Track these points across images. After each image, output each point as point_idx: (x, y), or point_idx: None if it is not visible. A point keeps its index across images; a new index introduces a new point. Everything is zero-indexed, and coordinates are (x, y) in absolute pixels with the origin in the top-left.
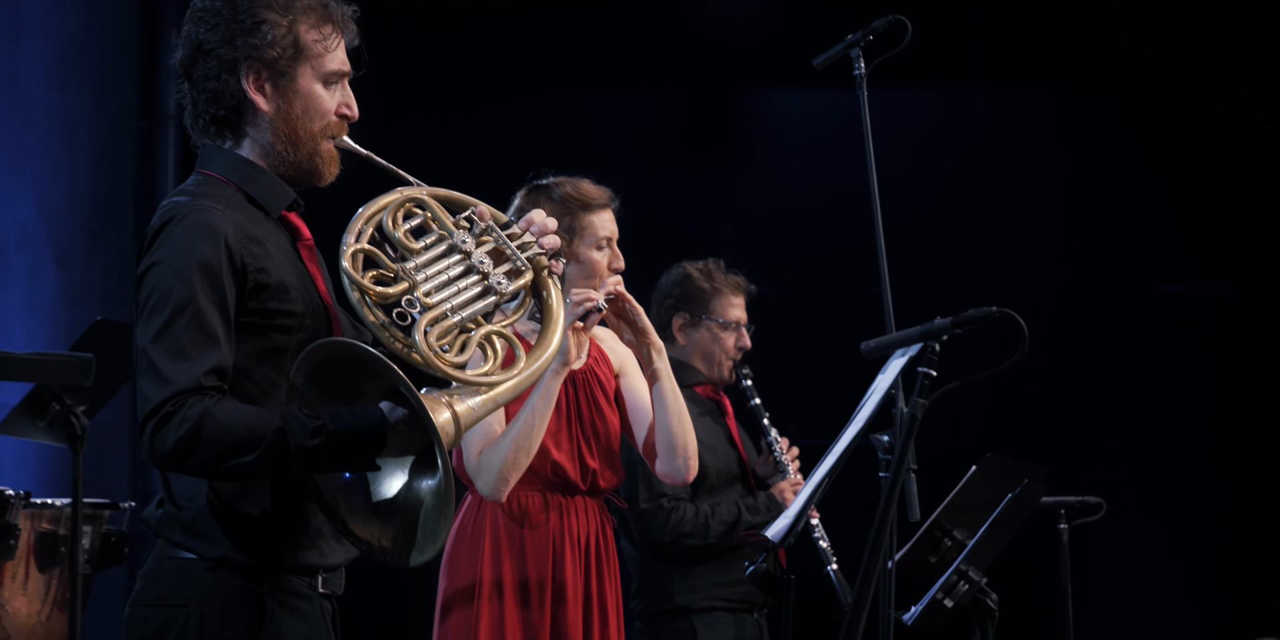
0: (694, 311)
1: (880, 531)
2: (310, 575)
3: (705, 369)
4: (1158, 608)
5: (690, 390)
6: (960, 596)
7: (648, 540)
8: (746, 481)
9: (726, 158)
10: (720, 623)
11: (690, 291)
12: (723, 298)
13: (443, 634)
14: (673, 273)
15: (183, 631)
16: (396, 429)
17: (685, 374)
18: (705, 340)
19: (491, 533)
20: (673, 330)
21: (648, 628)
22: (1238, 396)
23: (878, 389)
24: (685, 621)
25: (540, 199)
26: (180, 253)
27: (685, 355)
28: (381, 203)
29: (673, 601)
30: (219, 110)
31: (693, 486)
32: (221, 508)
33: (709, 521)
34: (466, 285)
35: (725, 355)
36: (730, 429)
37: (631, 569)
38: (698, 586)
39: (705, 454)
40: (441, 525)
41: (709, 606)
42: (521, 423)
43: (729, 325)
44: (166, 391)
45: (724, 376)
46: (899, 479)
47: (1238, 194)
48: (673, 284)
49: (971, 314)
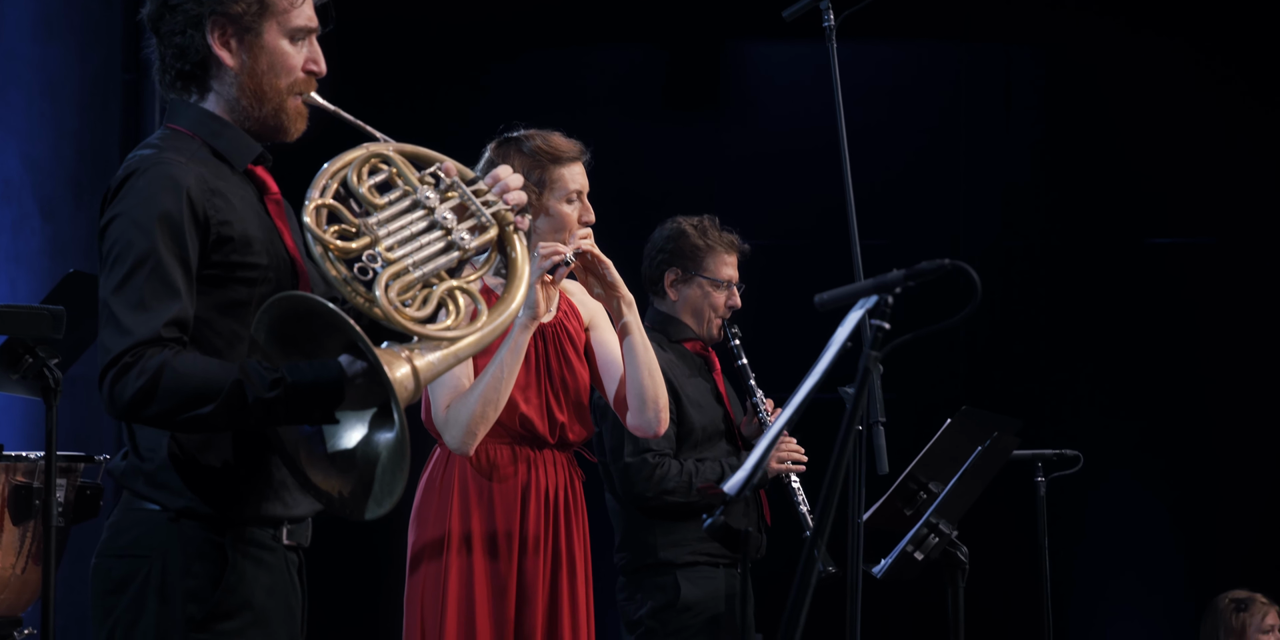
0: (686, 268)
1: (832, 485)
2: (274, 527)
3: (694, 326)
4: (1135, 561)
5: (679, 346)
6: (930, 549)
7: (631, 494)
8: (732, 437)
9: (714, 110)
10: (703, 577)
11: (684, 248)
12: (716, 256)
13: (412, 586)
14: (666, 227)
15: (145, 582)
16: (354, 382)
17: (675, 329)
18: (696, 297)
19: (460, 486)
20: (664, 285)
21: (630, 582)
22: (1223, 350)
23: (834, 342)
24: (669, 576)
25: (510, 152)
26: (142, 205)
27: (675, 311)
28: (346, 158)
29: (656, 556)
30: (185, 65)
31: (678, 441)
32: (184, 459)
33: (692, 479)
34: (429, 241)
35: (715, 313)
36: (717, 385)
37: (614, 523)
38: (681, 541)
39: (692, 410)
40: (398, 479)
41: (692, 561)
42: (489, 376)
43: (721, 284)
44: (126, 342)
45: (712, 334)
46: (851, 432)
47: (1227, 148)
48: (666, 239)
49: (924, 266)
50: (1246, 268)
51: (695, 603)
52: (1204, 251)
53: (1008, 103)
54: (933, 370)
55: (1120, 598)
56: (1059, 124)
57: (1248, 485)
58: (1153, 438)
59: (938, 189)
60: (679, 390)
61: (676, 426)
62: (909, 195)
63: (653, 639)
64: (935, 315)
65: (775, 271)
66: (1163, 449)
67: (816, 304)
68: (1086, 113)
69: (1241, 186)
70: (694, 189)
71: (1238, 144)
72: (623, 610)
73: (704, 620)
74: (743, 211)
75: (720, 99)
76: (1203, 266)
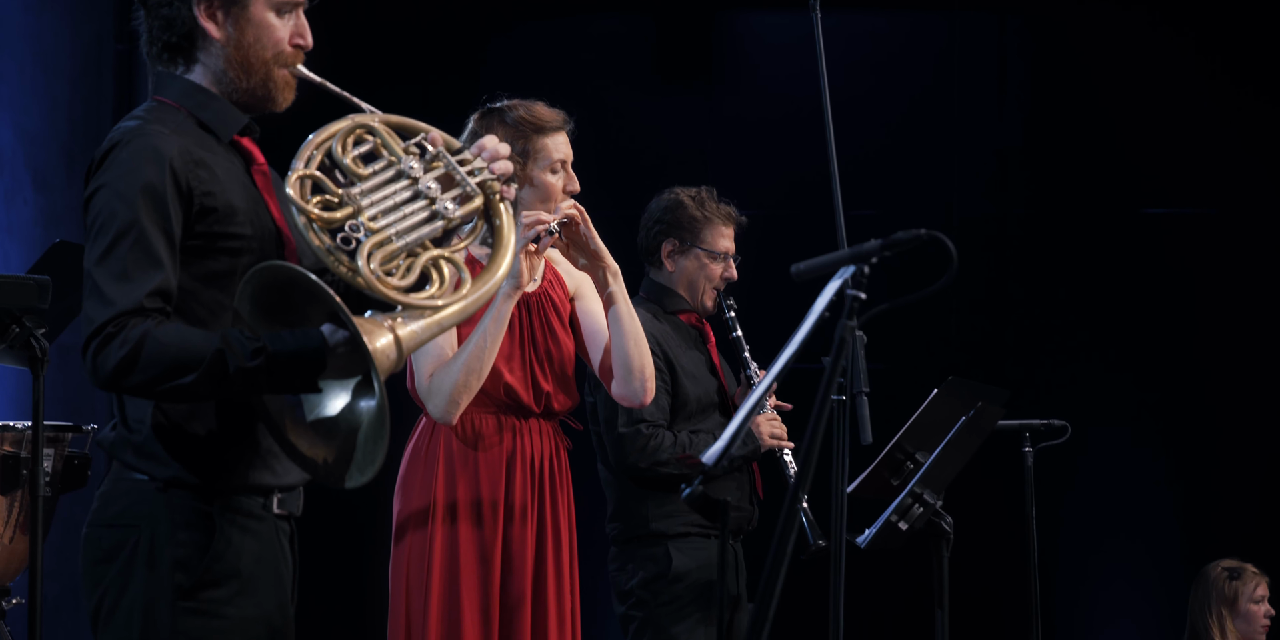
0: (683, 239)
1: (808, 456)
2: (263, 495)
3: (690, 297)
4: (1125, 531)
5: (674, 317)
6: (915, 519)
7: (624, 465)
8: (726, 410)
9: (707, 80)
10: (695, 548)
11: (681, 219)
12: (713, 227)
13: (397, 556)
14: (664, 198)
15: (134, 551)
16: (336, 352)
17: (670, 301)
18: (692, 269)
19: (445, 455)
20: (660, 256)
21: (622, 552)
22: (1221, 322)
23: (813, 312)
24: (660, 547)
25: (494, 123)
26: (125, 176)
27: (671, 282)
28: (331, 129)
29: (648, 527)
30: (171, 37)
31: (672, 412)
32: (170, 429)
33: (686, 451)
34: (413, 211)
35: (711, 285)
36: (712, 357)
37: (607, 493)
38: (673, 512)
39: (687, 381)
40: (379, 448)
41: (684, 532)
42: (473, 346)
43: (717, 255)
44: (109, 313)
45: (707, 306)
46: (826, 403)
47: (1226, 117)
48: (663, 210)
49: (899, 236)
50: (1247, 239)
51: (686, 573)
52: (1203, 222)
53: (1001, 71)
54: (925, 340)
55: (1109, 568)
56: (1052, 92)
57: (1244, 457)
58: (1148, 409)
59: (930, 158)
60: (674, 361)
61: (671, 398)
62: (901, 165)
63: (644, 609)
64: (923, 285)
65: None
66: (1158, 420)
67: (793, 274)
68: (1081, 80)
69: (1243, 157)
70: (688, 159)
71: (1238, 113)
72: (614, 581)
73: (695, 591)
74: (736, 181)
75: (713, 69)
76: (1202, 237)
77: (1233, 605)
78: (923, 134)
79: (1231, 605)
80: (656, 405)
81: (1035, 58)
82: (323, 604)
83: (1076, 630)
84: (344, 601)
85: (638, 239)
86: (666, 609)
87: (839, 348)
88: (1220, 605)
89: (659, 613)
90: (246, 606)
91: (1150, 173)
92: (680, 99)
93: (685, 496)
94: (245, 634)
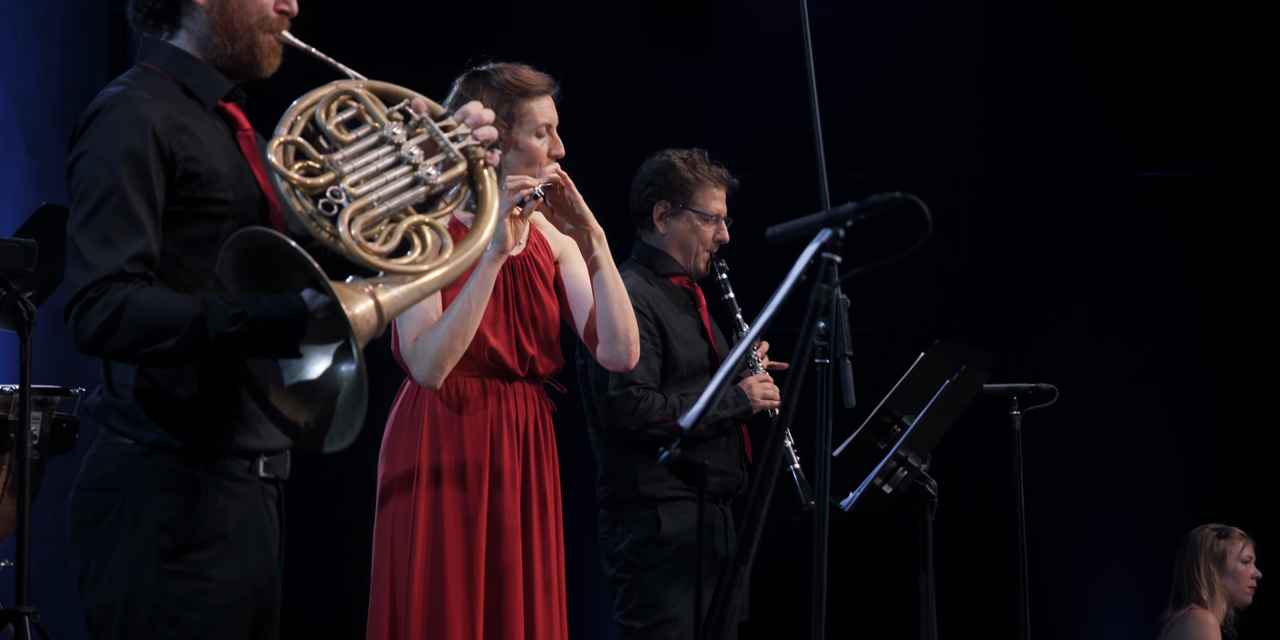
0: (675, 201)
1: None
2: (249, 458)
3: (682, 259)
4: (1118, 495)
5: (665, 280)
6: (899, 483)
7: (614, 428)
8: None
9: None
10: (684, 512)
11: (673, 181)
12: (705, 189)
13: (382, 520)
14: (655, 160)
15: (119, 514)
16: (316, 317)
17: (661, 264)
18: (684, 231)
19: (430, 419)
20: (652, 218)
21: (611, 515)
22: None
23: (790, 276)
24: (649, 510)
25: (479, 86)
26: (107, 142)
27: (663, 245)
28: (315, 96)
29: (637, 490)
30: (156, 3)
31: (663, 376)
32: (155, 393)
33: (676, 413)
34: (395, 176)
35: (703, 247)
36: (703, 321)
37: (597, 456)
38: (663, 476)
39: (678, 344)
40: (358, 414)
41: (673, 496)
42: (457, 310)
43: (709, 218)
44: (90, 277)
45: (699, 268)
46: (802, 366)
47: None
48: (655, 172)
49: (874, 199)
50: (1245, 202)
51: (675, 537)
52: (1201, 185)
53: (995, 32)
54: (920, 304)
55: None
56: (1047, 54)
57: (1240, 421)
58: (1146, 372)
59: (924, 121)
60: (665, 324)
61: (662, 361)
62: (895, 128)
63: (632, 572)
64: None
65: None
66: (1155, 384)
67: (769, 237)
68: (1076, 42)
69: (1242, 119)
70: (682, 123)
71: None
72: (603, 543)
73: (684, 554)
74: (730, 145)
75: (709, 30)
76: (1200, 201)
77: (1221, 563)
78: (917, 97)
79: (1220, 563)
80: (647, 368)
81: (1029, 19)
82: (308, 567)
83: (1068, 594)
84: (328, 565)
85: (629, 202)
86: (655, 572)
87: (813, 311)
88: (1209, 562)
89: (647, 576)
90: (231, 568)
91: (1146, 136)
92: (674, 65)
93: (662, 460)
94: (229, 595)
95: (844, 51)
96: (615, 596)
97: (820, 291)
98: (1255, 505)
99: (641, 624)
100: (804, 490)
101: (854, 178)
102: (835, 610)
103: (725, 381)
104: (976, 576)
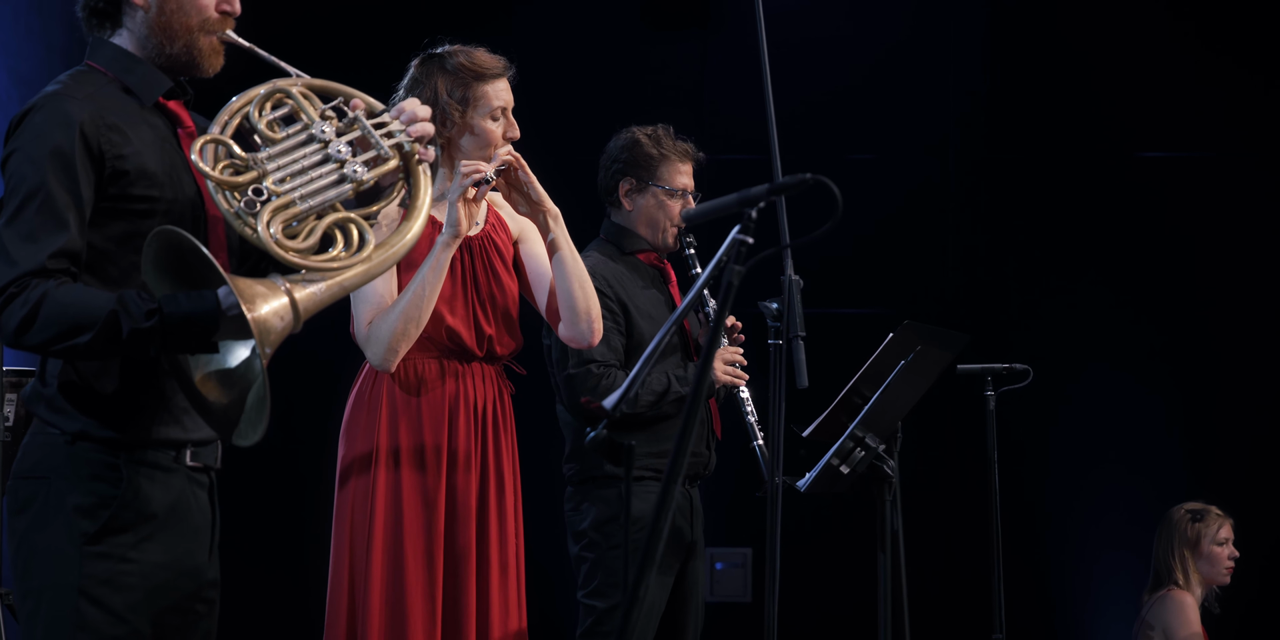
0: (640, 177)
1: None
2: (174, 449)
3: (649, 235)
4: (1112, 475)
5: (632, 257)
6: (856, 463)
7: (575, 405)
8: (687, 350)
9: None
10: (649, 492)
11: (638, 157)
12: (670, 164)
13: (341, 501)
14: (620, 137)
15: (45, 502)
16: (229, 314)
17: (628, 241)
18: (650, 207)
19: (388, 400)
20: (619, 195)
21: (577, 492)
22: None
23: (713, 259)
24: (614, 489)
25: (433, 69)
26: (36, 141)
27: (630, 222)
28: (250, 95)
29: (602, 469)
30: (98, 2)
31: (627, 354)
32: (80, 384)
33: (638, 390)
34: (320, 174)
35: (670, 222)
36: (673, 297)
37: (564, 434)
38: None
39: (642, 321)
40: (261, 415)
41: (638, 476)
42: (411, 293)
43: (675, 192)
44: (12, 273)
45: (668, 243)
46: (713, 348)
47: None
48: (620, 149)
49: (786, 181)
50: (1246, 182)
51: (640, 516)
52: (1201, 165)
53: (996, 12)
54: (921, 284)
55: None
56: (1048, 34)
57: (1243, 401)
58: (1149, 352)
59: (926, 102)
60: (628, 302)
61: (625, 338)
62: (896, 109)
63: (595, 551)
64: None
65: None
66: (1159, 363)
67: (682, 218)
68: (1076, 21)
69: (1242, 100)
70: (683, 103)
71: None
72: (568, 521)
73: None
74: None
75: (711, 11)
76: (1200, 181)
77: (1195, 547)
78: (918, 78)
79: (1194, 547)
80: (608, 345)
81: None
82: (266, 551)
83: (1069, 574)
84: (286, 548)
85: (597, 180)
86: (618, 551)
87: (726, 292)
88: (1183, 547)
89: (610, 555)
90: (154, 551)
91: (1147, 116)
92: (675, 44)
93: (588, 441)
94: (154, 578)
95: (846, 31)
96: (579, 574)
97: (733, 273)
98: (1257, 484)
99: (604, 604)
100: (767, 466)
101: (857, 159)
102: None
103: (647, 363)
104: (957, 557)
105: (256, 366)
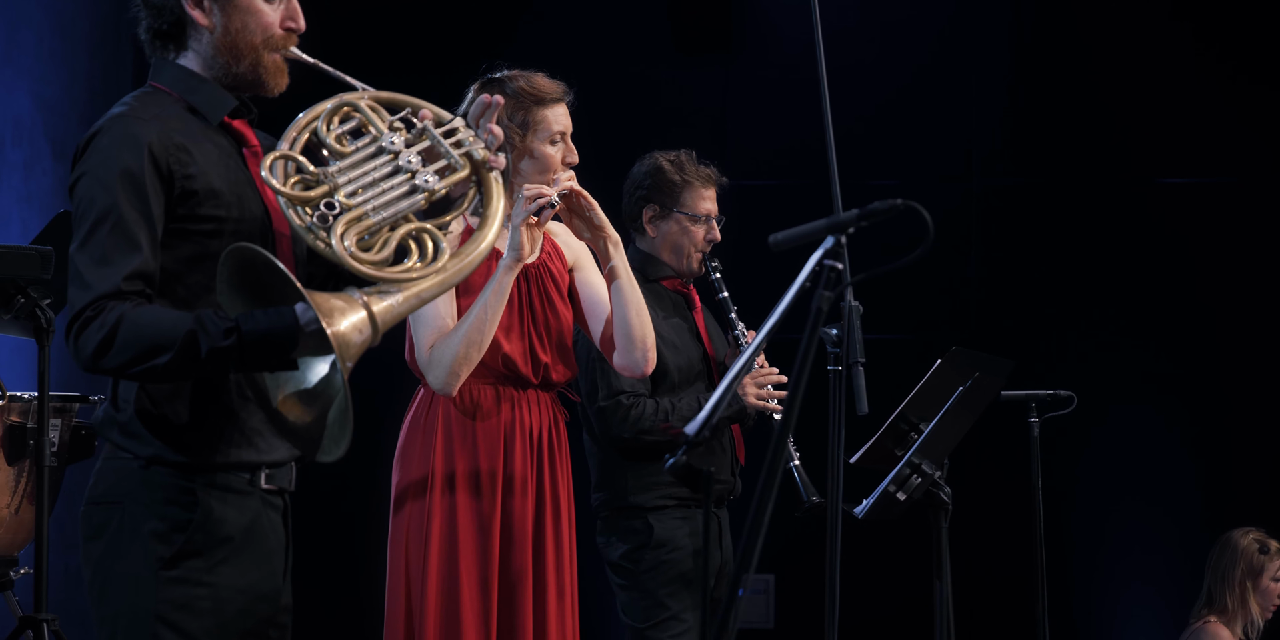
0: (664, 203)
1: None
2: (249, 471)
3: (674, 261)
4: (1141, 501)
5: (656, 285)
6: (913, 490)
7: (609, 437)
8: (711, 376)
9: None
10: (673, 519)
11: (661, 183)
12: (693, 190)
13: (396, 527)
14: (644, 163)
15: (119, 527)
16: (308, 330)
17: (652, 268)
18: (674, 233)
19: (444, 426)
20: (642, 222)
21: (606, 524)
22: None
23: (796, 283)
24: (640, 519)
25: (493, 94)
26: (104, 163)
27: (654, 248)
28: (317, 110)
29: (626, 499)
30: (161, 24)
31: (653, 383)
32: (152, 408)
33: (669, 417)
34: (392, 185)
35: (694, 247)
36: (697, 323)
37: (590, 464)
38: (652, 485)
39: (666, 351)
40: (344, 427)
41: (661, 505)
42: (473, 318)
43: (699, 218)
44: (88, 297)
45: (692, 269)
46: (804, 373)
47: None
48: (644, 175)
49: (876, 206)
50: (1267, 208)
51: (668, 540)
52: (1222, 191)
53: (1017, 39)
54: (942, 310)
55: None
56: (1069, 60)
57: (1264, 430)
58: (1168, 380)
59: (949, 128)
60: None
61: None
62: (918, 134)
63: (629, 578)
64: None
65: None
66: (1178, 391)
67: (771, 244)
68: (1098, 48)
69: (1263, 125)
70: (706, 129)
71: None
72: (601, 552)
73: (679, 555)
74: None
75: (733, 36)
76: (1221, 206)
77: (1257, 578)
78: (940, 103)
79: (1256, 578)
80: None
81: (1051, 25)
82: (321, 577)
83: (1095, 603)
84: (341, 574)
85: (621, 207)
86: (650, 574)
87: (815, 318)
88: (1246, 577)
89: (644, 578)
90: (230, 575)
91: (1168, 142)
92: (699, 70)
93: (668, 467)
94: (229, 601)
95: (868, 56)
96: (619, 602)
97: (822, 298)
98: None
99: (645, 624)
100: (805, 487)
101: (878, 184)
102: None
103: (729, 390)
104: (998, 584)
105: (337, 382)
